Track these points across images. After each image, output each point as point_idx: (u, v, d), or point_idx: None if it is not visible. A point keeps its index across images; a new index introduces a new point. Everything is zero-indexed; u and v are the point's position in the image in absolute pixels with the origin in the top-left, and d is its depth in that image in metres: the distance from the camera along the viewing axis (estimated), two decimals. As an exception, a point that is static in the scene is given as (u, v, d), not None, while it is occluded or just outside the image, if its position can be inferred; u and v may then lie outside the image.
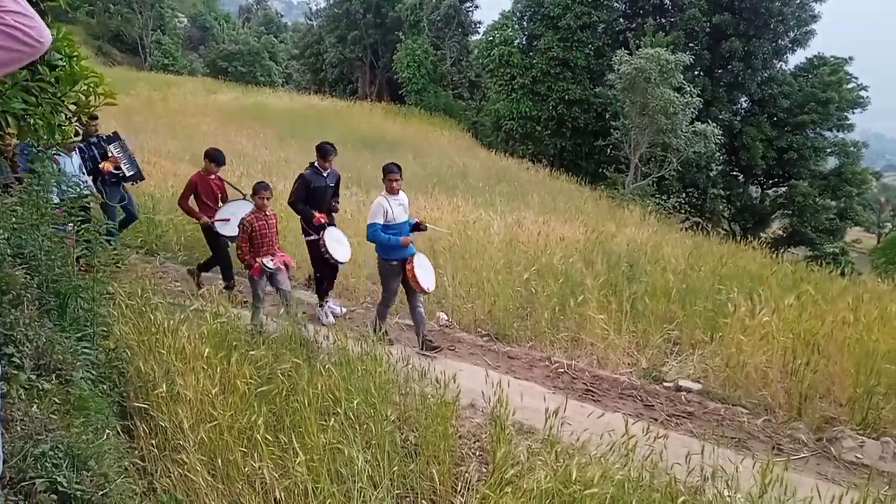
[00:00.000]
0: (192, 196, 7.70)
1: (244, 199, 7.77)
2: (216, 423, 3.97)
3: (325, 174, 7.42)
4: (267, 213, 6.61)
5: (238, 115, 29.95)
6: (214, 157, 7.74)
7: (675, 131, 25.05)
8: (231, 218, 7.47)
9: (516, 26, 35.46)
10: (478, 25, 43.27)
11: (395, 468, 3.86)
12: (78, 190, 5.77)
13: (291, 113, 31.60)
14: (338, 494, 3.49)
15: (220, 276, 7.99)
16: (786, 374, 6.21)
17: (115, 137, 8.48)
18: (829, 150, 34.69)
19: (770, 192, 36.50)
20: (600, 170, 30.63)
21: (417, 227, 7.06)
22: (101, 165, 8.19)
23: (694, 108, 25.51)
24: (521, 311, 8.03)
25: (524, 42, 35.31)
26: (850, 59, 34.87)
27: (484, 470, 4.16)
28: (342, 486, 3.58)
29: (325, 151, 7.37)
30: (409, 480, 3.94)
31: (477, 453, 4.52)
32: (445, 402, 4.42)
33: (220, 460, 3.78)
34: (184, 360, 4.49)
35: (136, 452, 3.92)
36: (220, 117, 28.21)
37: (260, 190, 6.57)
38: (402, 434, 4.42)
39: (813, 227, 32.60)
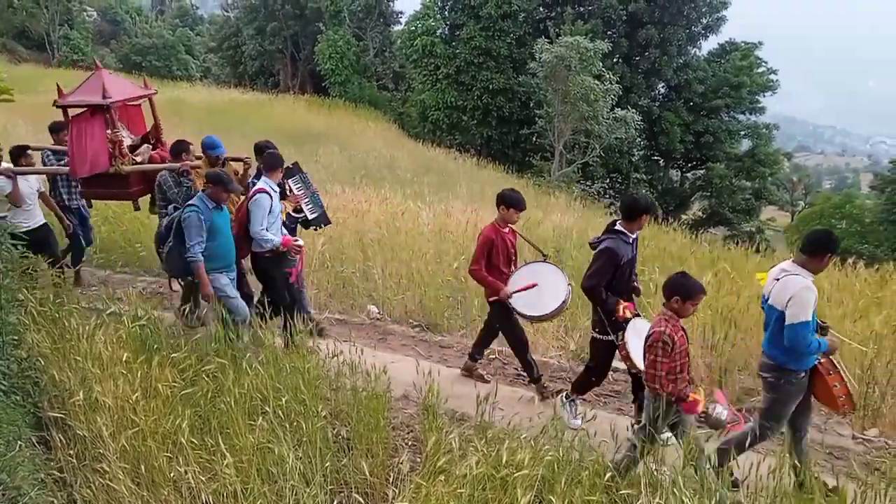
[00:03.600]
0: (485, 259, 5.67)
1: (544, 260, 5.90)
2: (138, 429, 3.84)
3: (631, 241, 5.13)
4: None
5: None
6: (515, 202, 5.61)
7: (596, 118, 25.60)
8: (535, 287, 5.57)
9: (438, 16, 35.39)
10: (399, 15, 42.96)
11: (328, 464, 3.81)
12: None
13: (211, 108, 30.71)
14: (269, 494, 3.43)
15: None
16: (706, 349, 6.44)
17: (294, 170, 6.74)
18: (742, 133, 36.18)
19: (689, 175, 37.82)
20: (527, 158, 31.03)
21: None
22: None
23: (614, 95, 26.11)
24: (451, 300, 8.04)
25: (447, 32, 35.30)
26: (760, 43, 36.36)
27: (417, 459, 4.16)
28: (273, 485, 3.52)
29: (640, 207, 5.03)
30: (343, 475, 3.90)
31: (410, 443, 4.52)
32: (376, 395, 4.39)
33: (143, 467, 3.66)
34: (101, 366, 4.32)
35: (54, 464, 3.75)
36: (135, 114, 27.14)
37: None
38: (333, 429, 4.38)
39: (730, 208, 33.96)
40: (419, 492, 3.30)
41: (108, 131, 6.35)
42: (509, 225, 5.73)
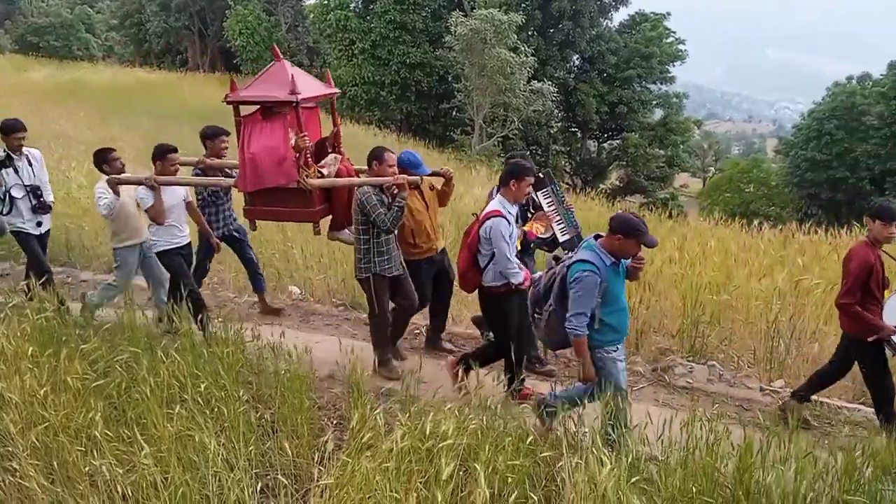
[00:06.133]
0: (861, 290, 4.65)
1: None
2: (48, 424, 3.69)
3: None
4: None
5: (54, 93, 27.42)
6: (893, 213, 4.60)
7: (513, 91, 25.81)
8: None
9: (351, -11, 34.81)
10: (311, -11, 42.05)
11: (252, 448, 3.76)
12: None
13: (114, 88, 29.40)
14: (191, 482, 3.36)
15: None
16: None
17: (546, 181, 5.64)
18: (654, 103, 37.30)
19: (606, 145, 38.75)
20: (447, 132, 31.02)
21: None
22: (526, 227, 5.58)
23: (530, 68, 26.37)
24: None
25: (360, 6, 34.71)
26: (668, 14, 37.45)
27: (344, 438, 4.15)
28: (195, 473, 3.44)
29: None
30: (268, 458, 3.86)
31: (336, 422, 4.51)
32: (299, 376, 4.35)
33: (56, 463, 3.53)
34: (5, 361, 4.12)
35: (-42, 466, 3.57)
36: (33, 97, 25.69)
37: None
38: (257, 413, 4.32)
39: (645, 176, 35.05)
40: (345, 469, 3.30)
41: (293, 136, 5.04)
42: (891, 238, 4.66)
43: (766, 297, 6.40)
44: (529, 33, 31.74)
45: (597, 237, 4.22)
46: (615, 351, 4.26)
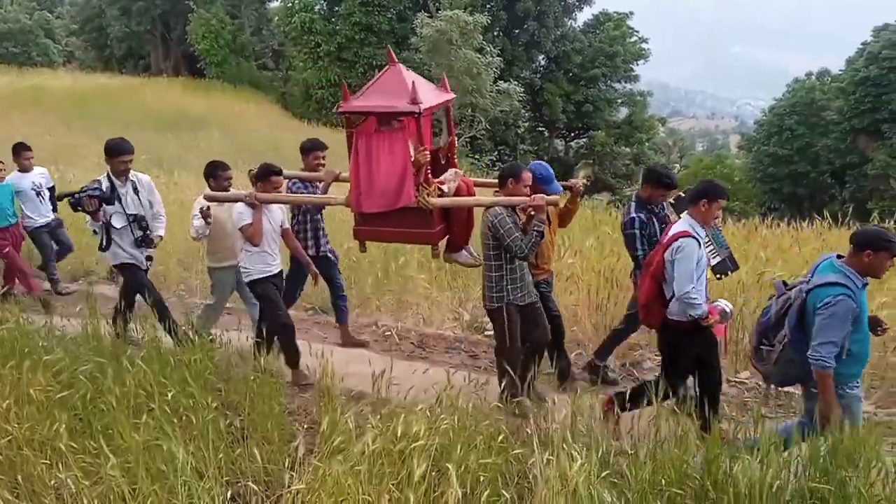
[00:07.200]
0: None
1: None
2: (12, 437, 3.62)
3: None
4: None
5: (14, 99, 26.83)
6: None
7: (480, 91, 25.91)
8: None
9: (315, -8, 34.64)
10: (275, -8, 41.73)
11: (222, 455, 3.72)
12: None
13: (75, 94, 28.84)
14: (159, 492, 3.31)
15: None
16: (592, 310, 6.71)
17: (685, 200, 4.88)
18: (620, 101, 37.75)
19: (573, 144, 39.09)
20: (415, 134, 30.99)
21: None
22: None
23: (496, 68, 26.52)
24: (344, 279, 7.97)
25: (325, 8, 34.59)
26: (631, 13, 37.97)
27: (316, 442, 4.13)
28: (164, 483, 3.40)
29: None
30: (238, 465, 3.82)
31: (307, 427, 4.48)
32: (269, 381, 4.32)
33: (20, 476, 3.46)
34: (-36, 375, 4.02)
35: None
36: (-7, 104, 25.18)
37: None
38: (226, 420, 4.26)
39: (612, 174, 35.45)
40: (317, 473, 3.28)
41: (413, 150, 4.53)
42: None
43: (730, 289, 6.50)
44: (495, 34, 31.90)
45: (838, 257, 3.79)
46: (857, 387, 3.87)
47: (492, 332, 6.71)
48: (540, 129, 37.21)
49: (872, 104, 32.89)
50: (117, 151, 5.61)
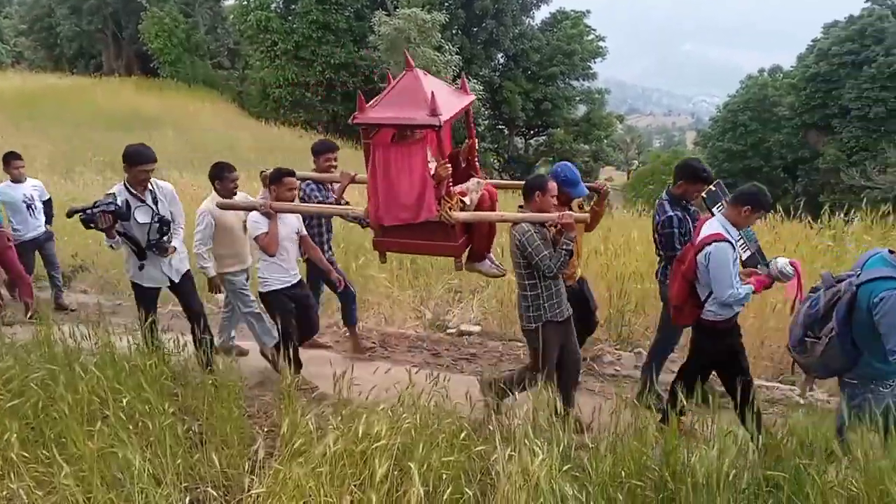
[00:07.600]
0: None
1: None
2: (-41, 450, 3.50)
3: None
4: None
5: (-40, 101, 26.06)
6: None
7: (440, 89, 25.90)
8: None
9: (271, -10, 34.24)
10: (230, -10, 41.13)
11: (180, 461, 3.65)
12: None
13: (24, 94, 28.09)
14: (116, 500, 3.24)
15: None
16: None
17: (718, 193, 4.78)
18: (578, 99, 38.16)
19: (532, 141, 39.40)
20: (374, 133, 30.88)
21: None
22: None
23: (455, 66, 26.56)
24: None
25: (282, 6, 34.21)
26: (588, 12, 38.43)
27: (276, 445, 4.08)
28: (120, 491, 3.32)
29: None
30: (197, 470, 3.75)
31: (267, 430, 4.43)
32: (227, 385, 4.25)
33: (-31, 490, 3.34)
34: None
35: None
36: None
37: None
38: (184, 425, 4.18)
39: (571, 171, 35.74)
40: (277, 476, 3.24)
41: (432, 163, 4.29)
42: None
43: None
44: (454, 32, 31.97)
45: (890, 252, 3.67)
46: (893, 384, 3.75)
47: (454, 330, 6.76)
48: (500, 126, 37.40)
49: (822, 100, 33.84)
50: (138, 160, 4.98)
